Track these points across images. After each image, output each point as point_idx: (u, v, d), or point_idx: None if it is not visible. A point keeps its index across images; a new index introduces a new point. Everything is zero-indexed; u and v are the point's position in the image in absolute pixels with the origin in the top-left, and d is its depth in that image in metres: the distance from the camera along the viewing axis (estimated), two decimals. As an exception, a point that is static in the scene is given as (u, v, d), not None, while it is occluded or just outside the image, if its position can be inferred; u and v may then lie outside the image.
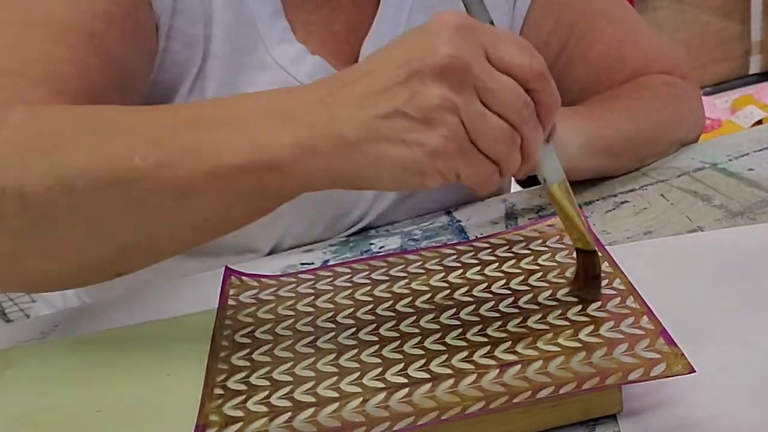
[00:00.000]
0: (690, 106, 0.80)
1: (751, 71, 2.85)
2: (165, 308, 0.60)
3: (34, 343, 0.58)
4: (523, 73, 0.44)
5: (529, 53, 0.44)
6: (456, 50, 0.42)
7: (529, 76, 0.44)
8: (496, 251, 0.58)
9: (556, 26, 0.76)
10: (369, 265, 0.58)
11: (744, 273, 0.56)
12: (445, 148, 0.43)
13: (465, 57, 0.42)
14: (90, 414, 0.49)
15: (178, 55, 0.65)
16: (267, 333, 0.51)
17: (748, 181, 0.70)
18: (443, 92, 0.42)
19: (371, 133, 0.43)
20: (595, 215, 0.68)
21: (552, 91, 0.45)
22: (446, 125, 0.43)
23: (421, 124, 0.43)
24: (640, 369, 0.42)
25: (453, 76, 0.42)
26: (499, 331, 0.48)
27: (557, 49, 0.77)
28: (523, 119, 0.44)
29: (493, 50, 0.44)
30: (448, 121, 0.43)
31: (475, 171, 0.44)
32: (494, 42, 0.44)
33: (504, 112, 0.43)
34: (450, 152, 0.43)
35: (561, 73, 0.77)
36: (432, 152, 0.43)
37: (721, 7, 2.75)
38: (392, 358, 0.46)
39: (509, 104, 0.43)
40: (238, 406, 0.44)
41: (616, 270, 0.53)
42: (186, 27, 0.65)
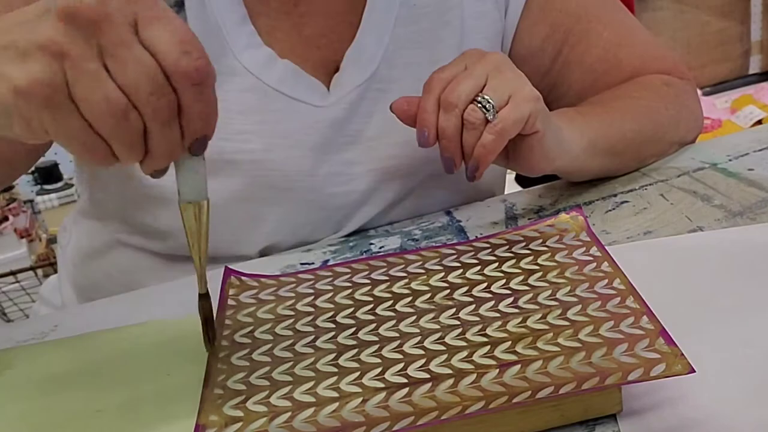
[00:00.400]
0: (689, 106, 0.80)
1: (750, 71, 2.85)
2: (165, 308, 0.60)
3: (34, 343, 0.58)
4: (166, 61, 0.40)
5: (186, 47, 0.40)
6: (93, 1, 0.39)
7: (171, 68, 0.40)
8: (496, 251, 0.58)
9: (551, 32, 0.76)
10: (369, 265, 0.58)
11: (744, 273, 0.56)
12: (30, 90, 0.39)
13: (100, 10, 0.39)
14: (90, 414, 0.49)
15: None
16: (267, 333, 0.51)
17: (748, 181, 0.70)
18: (56, 34, 0.39)
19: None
20: (595, 215, 0.68)
21: (200, 100, 0.41)
22: (40, 66, 0.39)
23: (18, 57, 0.39)
24: (640, 369, 0.42)
25: (77, 24, 0.39)
26: (499, 331, 0.48)
27: (553, 55, 0.77)
28: (148, 103, 0.40)
29: (146, 25, 0.40)
30: (43, 62, 0.39)
31: (67, 132, 0.40)
32: (150, 19, 0.40)
33: (126, 88, 0.39)
34: (35, 97, 0.39)
35: (557, 78, 0.77)
36: (15, 89, 0.39)
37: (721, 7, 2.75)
38: (392, 358, 0.46)
39: (134, 80, 0.39)
40: (238, 406, 0.44)
41: (616, 270, 0.53)
42: None
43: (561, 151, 0.64)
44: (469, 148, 0.59)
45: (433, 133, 0.60)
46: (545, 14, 0.76)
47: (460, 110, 0.59)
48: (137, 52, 0.40)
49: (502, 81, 0.59)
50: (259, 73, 0.67)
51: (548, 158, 0.62)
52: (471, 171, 0.60)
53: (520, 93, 0.59)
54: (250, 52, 0.67)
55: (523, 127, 0.59)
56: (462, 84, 0.59)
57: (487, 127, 0.58)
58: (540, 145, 0.61)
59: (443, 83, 0.60)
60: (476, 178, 0.60)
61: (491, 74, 0.59)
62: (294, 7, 0.69)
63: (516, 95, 0.59)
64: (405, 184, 0.72)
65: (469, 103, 0.59)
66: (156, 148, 0.42)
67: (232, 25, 0.67)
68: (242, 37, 0.67)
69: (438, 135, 0.60)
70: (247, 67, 0.67)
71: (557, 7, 0.76)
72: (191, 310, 0.59)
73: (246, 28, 0.67)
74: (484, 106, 0.58)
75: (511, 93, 0.59)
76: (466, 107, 0.59)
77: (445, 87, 0.60)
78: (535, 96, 0.60)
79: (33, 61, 0.39)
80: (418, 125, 0.60)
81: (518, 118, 0.58)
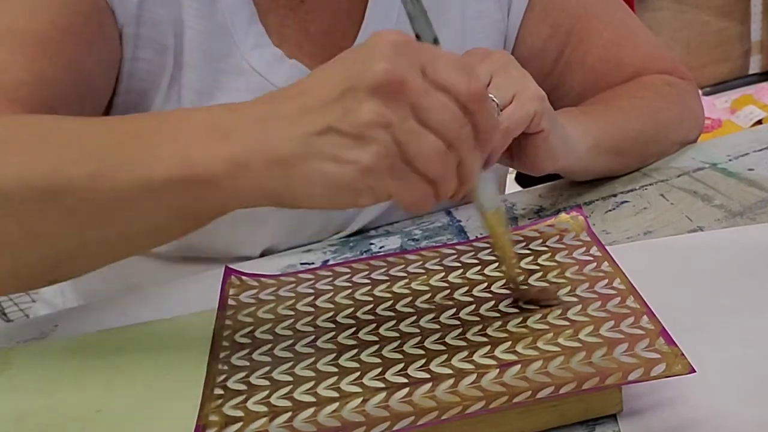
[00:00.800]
0: (691, 105, 0.80)
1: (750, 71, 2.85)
2: (165, 308, 0.60)
3: (34, 343, 0.58)
4: (459, 94, 0.43)
5: (468, 74, 0.43)
6: (391, 66, 0.42)
7: (465, 97, 0.43)
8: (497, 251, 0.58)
9: (553, 32, 0.76)
10: (369, 264, 0.58)
11: (744, 273, 0.56)
12: (377, 165, 0.42)
13: (401, 74, 0.42)
14: (90, 414, 0.49)
15: (148, 64, 0.65)
16: (267, 333, 0.51)
17: (748, 181, 0.70)
18: (376, 108, 0.41)
19: (304, 150, 0.43)
20: (595, 215, 0.68)
21: (489, 115, 0.44)
22: (378, 142, 0.42)
23: (354, 140, 0.42)
24: (640, 369, 0.42)
25: (387, 92, 0.42)
26: (499, 331, 0.48)
27: (555, 55, 0.77)
28: (459, 139, 0.43)
29: (430, 68, 0.43)
30: (380, 138, 0.42)
31: (408, 190, 0.43)
32: (432, 60, 0.43)
33: (439, 131, 0.43)
34: (382, 170, 0.42)
35: (559, 78, 0.77)
36: (363, 169, 0.42)
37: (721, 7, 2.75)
38: (392, 358, 0.46)
39: (445, 123, 0.43)
40: (238, 406, 0.44)
41: (616, 270, 0.53)
42: (154, 34, 0.65)
43: (566, 151, 0.64)
44: None
45: None
46: (547, 14, 0.76)
47: None
48: (437, 96, 0.43)
49: (506, 80, 0.59)
50: (265, 73, 0.67)
51: (553, 157, 0.62)
52: None
53: (525, 92, 0.59)
54: (258, 52, 0.67)
55: (528, 125, 0.59)
56: None
57: None
58: (545, 144, 0.61)
59: None
60: None
61: (496, 73, 0.59)
62: (300, 4, 0.69)
63: (521, 94, 0.59)
64: None
65: None
66: (468, 173, 0.45)
67: (241, 25, 0.67)
68: (250, 37, 0.67)
69: None
70: (254, 67, 0.67)
71: (558, 7, 0.76)
72: (191, 309, 0.59)
73: (255, 27, 0.67)
74: None
75: (516, 92, 0.59)
76: None
77: None
78: (540, 95, 0.60)
79: (370, 140, 0.42)
80: None
81: (523, 116, 0.58)
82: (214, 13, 0.66)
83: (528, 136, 0.60)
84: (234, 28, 0.66)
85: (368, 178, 0.42)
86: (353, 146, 0.42)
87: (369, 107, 0.42)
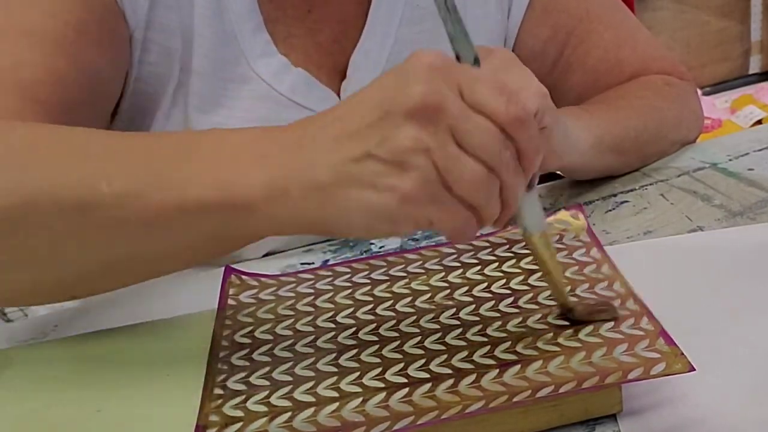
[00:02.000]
0: (690, 105, 0.80)
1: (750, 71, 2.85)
2: (165, 308, 0.60)
3: (34, 343, 0.58)
4: (498, 116, 0.41)
5: (508, 96, 0.42)
6: (429, 90, 0.40)
7: (505, 120, 0.42)
8: (496, 251, 0.58)
9: (553, 34, 0.76)
10: (369, 264, 0.58)
11: (744, 273, 0.56)
12: (417, 193, 0.40)
13: (438, 97, 0.40)
14: (90, 414, 0.49)
15: (155, 67, 0.65)
16: (267, 333, 0.51)
17: (748, 180, 0.70)
18: (415, 133, 0.40)
19: (342, 177, 0.41)
20: (595, 215, 0.68)
21: (531, 138, 0.43)
22: (418, 169, 0.40)
23: (393, 167, 0.40)
24: (640, 368, 0.42)
25: (425, 116, 0.40)
26: (499, 331, 0.48)
27: (554, 57, 0.77)
28: (501, 163, 0.42)
29: (468, 91, 0.42)
30: (420, 164, 0.40)
31: (450, 218, 0.42)
32: (470, 83, 0.42)
33: (481, 155, 0.41)
34: (422, 198, 0.41)
35: (559, 79, 0.77)
36: (403, 197, 0.40)
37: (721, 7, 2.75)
38: (392, 357, 0.46)
39: (486, 146, 0.41)
40: (238, 406, 0.44)
41: (615, 272, 0.53)
42: (162, 39, 0.65)
43: (569, 148, 0.64)
44: None
45: None
46: (547, 16, 0.76)
47: None
48: (477, 119, 0.41)
49: (509, 77, 0.59)
50: (271, 81, 0.67)
51: (556, 154, 0.62)
52: None
53: (527, 89, 0.59)
54: (264, 60, 0.67)
55: None
56: None
57: None
58: (548, 141, 0.61)
59: None
60: None
61: (498, 70, 0.59)
62: (308, 14, 0.69)
63: (523, 91, 0.59)
64: None
65: None
66: (511, 197, 0.43)
67: (248, 33, 0.67)
68: (258, 45, 0.67)
69: None
70: (260, 75, 0.67)
71: (559, 8, 0.76)
72: (191, 309, 0.59)
73: (262, 36, 0.67)
74: None
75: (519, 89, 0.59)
76: None
77: None
78: (543, 92, 0.59)
79: (409, 167, 0.40)
80: None
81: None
82: (221, 21, 0.66)
83: None
84: (241, 35, 0.66)
85: (408, 206, 0.41)
86: (392, 173, 0.40)
87: (406, 133, 0.40)
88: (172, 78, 0.66)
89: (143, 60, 0.65)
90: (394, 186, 0.41)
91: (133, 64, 0.65)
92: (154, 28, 0.64)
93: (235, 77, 0.67)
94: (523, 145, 0.42)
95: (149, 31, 0.64)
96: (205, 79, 0.66)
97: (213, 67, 0.66)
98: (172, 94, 0.66)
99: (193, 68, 0.66)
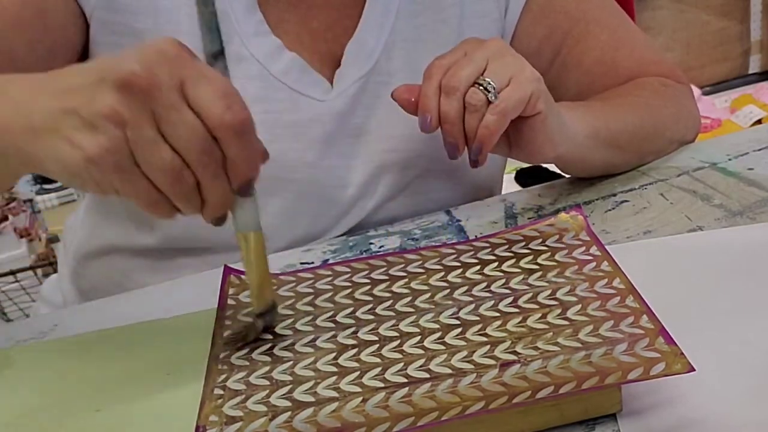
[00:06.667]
0: (687, 105, 0.80)
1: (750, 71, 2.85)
2: (165, 308, 0.60)
3: (33, 343, 0.58)
4: (211, 119, 0.43)
5: (228, 102, 0.43)
6: (144, 70, 0.42)
7: (216, 124, 0.43)
8: (496, 251, 0.58)
9: (549, 33, 0.76)
10: (368, 264, 0.58)
11: (744, 273, 0.56)
12: (100, 158, 0.42)
13: (148, 80, 0.42)
14: (90, 414, 0.49)
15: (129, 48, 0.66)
16: (266, 332, 0.51)
17: (747, 180, 0.70)
18: (115, 104, 0.42)
19: (49, 125, 0.44)
20: (594, 214, 0.68)
21: (242, 150, 0.44)
22: (106, 135, 0.42)
23: (87, 128, 0.43)
24: (640, 368, 0.42)
25: (133, 93, 0.42)
26: (499, 331, 0.48)
27: (551, 57, 0.77)
28: (199, 162, 0.43)
29: (191, 86, 0.43)
30: (110, 132, 0.42)
31: (135, 192, 0.44)
32: (195, 78, 0.43)
33: (178, 148, 0.43)
34: (105, 164, 0.43)
35: (555, 79, 0.77)
36: (86, 158, 0.42)
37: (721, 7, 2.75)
38: (392, 357, 0.46)
39: (185, 142, 0.43)
40: (237, 405, 0.44)
41: (615, 269, 0.53)
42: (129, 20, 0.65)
43: (564, 137, 0.64)
44: (471, 131, 0.59)
45: (435, 117, 0.60)
46: (544, 15, 0.76)
47: (462, 93, 0.59)
48: (186, 115, 0.43)
49: (502, 64, 0.59)
50: (265, 61, 0.67)
51: (552, 142, 0.62)
52: (474, 154, 0.60)
53: (521, 74, 0.59)
54: (258, 40, 0.67)
55: (525, 107, 0.59)
56: (463, 68, 0.59)
57: (488, 108, 0.58)
58: (543, 127, 0.61)
59: (444, 69, 0.60)
60: (480, 162, 0.60)
61: (491, 58, 0.60)
62: (301, 0, 0.69)
63: (517, 76, 0.59)
64: (403, 177, 0.72)
65: (470, 87, 0.59)
66: (210, 198, 0.45)
67: (241, 12, 0.67)
68: (251, 25, 0.67)
69: (440, 120, 0.60)
70: (254, 54, 0.67)
71: (556, 8, 0.76)
72: (191, 309, 0.59)
73: (255, 16, 0.68)
74: (485, 88, 0.58)
75: (512, 75, 0.59)
76: (467, 90, 0.59)
77: (445, 72, 0.60)
78: (536, 76, 0.60)
79: (99, 131, 0.42)
80: (420, 111, 0.60)
81: (520, 97, 0.58)
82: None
83: (525, 120, 0.60)
84: (234, 15, 0.66)
85: (91, 167, 0.43)
86: (84, 132, 0.43)
87: (107, 101, 0.42)
88: None
89: (111, 41, 0.65)
90: (83, 145, 0.43)
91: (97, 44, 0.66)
92: (115, 10, 0.65)
93: (228, 55, 0.66)
94: (231, 152, 0.44)
95: (111, 13, 0.65)
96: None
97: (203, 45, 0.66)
98: None
99: None
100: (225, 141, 0.44)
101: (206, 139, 0.43)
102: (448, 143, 0.60)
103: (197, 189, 0.45)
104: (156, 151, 0.43)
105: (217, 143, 0.44)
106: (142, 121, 0.42)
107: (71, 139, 0.43)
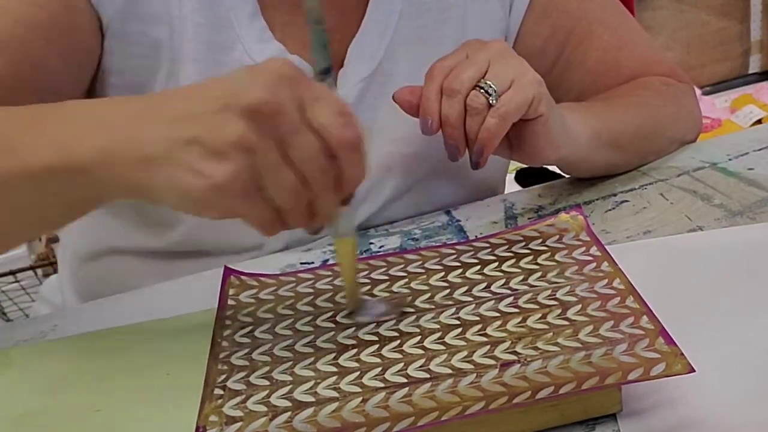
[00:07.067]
0: (688, 105, 0.80)
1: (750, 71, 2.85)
2: (165, 308, 0.60)
3: (33, 343, 0.58)
4: (329, 137, 0.44)
5: (344, 119, 0.44)
6: (270, 96, 0.43)
7: (334, 142, 0.44)
8: (496, 251, 0.58)
9: (553, 33, 0.76)
10: (368, 264, 0.58)
11: (744, 273, 0.56)
12: (229, 185, 0.43)
13: (276, 106, 0.43)
14: (90, 414, 0.49)
15: (141, 59, 0.65)
16: (266, 332, 0.51)
17: (747, 180, 0.70)
18: (244, 131, 0.42)
19: (168, 154, 0.44)
20: (594, 214, 0.68)
21: (356, 165, 0.45)
22: (236, 163, 0.43)
23: (213, 156, 0.43)
24: (640, 369, 0.42)
25: (258, 119, 0.42)
26: (499, 331, 0.48)
27: (554, 56, 0.77)
28: (315, 180, 0.44)
29: (309, 107, 0.44)
30: (239, 160, 0.43)
31: (255, 215, 0.45)
32: (312, 99, 0.44)
33: (301, 169, 0.44)
34: (232, 191, 0.43)
35: (558, 79, 0.77)
36: (215, 185, 0.43)
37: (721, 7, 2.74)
38: (392, 357, 0.46)
39: (306, 162, 0.44)
40: (237, 406, 0.44)
41: (615, 270, 0.53)
42: (145, 29, 0.65)
43: (566, 138, 0.64)
44: (472, 134, 0.59)
45: (436, 120, 0.60)
46: (548, 15, 0.76)
47: (463, 96, 0.59)
48: (307, 136, 0.44)
49: (504, 66, 0.59)
50: None
51: (553, 144, 0.62)
52: (475, 156, 0.60)
53: (523, 77, 0.59)
54: (261, 46, 0.67)
55: (526, 110, 0.59)
56: (464, 71, 0.59)
57: (490, 111, 0.58)
58: (545, 130, 0.60)
59: (445, 71, 0.60)
60: (480, 165, 0.60)
61: (493, 60, 0.59)
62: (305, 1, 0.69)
63: (519, 79, 0.59)
64: (407, 178, 0.72)
65: (471, 89, 0.59)
66: (321, 211, 0.46)
67: (244, 19, 0.67)
68: (254, 31, 0.67)
69: (441, 122, 0.60)
70: (256, 61, 0.67)
71: (559, 8, 0.76)
72: (191, 309, 0.59)
73: (258, 22, 0.67)
74: (486, 91, 0.58)
75: (514, 77, 0.59)
76: (468, 93, 0.59)
77: (447, 74, 0.60)
78: (538, 79, 0.60)
79: (228, 159, 0.43)
80: (421, 113, 0.60)
81: (522, 100, 0.58)
82: (216, 6, 0.66)
83: (527, 123, 0.60)
84: (237, 21, 0.66)
85: (218, 195, 0.43)
86: (211, 161, 0.43)
87: (235, 128, 0.42)
88: (162, 68, 0.66)
89: (126, 52, 0.65)
90: (210, 174, 0.43)
91: (111, 56, 0.65)
92: (133, 19, 0.64)
93: (230, 62, 0.67)
94: (347, 167, 0.45)
95: (128, 23, 0.64)
96: (199, 65, 0.66)
97: (207, 53, 0.66)
98: (164, 82, 0.66)
99: (184, 56, 0.65)
100: (344, 158, 0.45)
101: (323, 158, 0.44)
102: (448, 146, 0.60)
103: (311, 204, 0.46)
104: (281, 173, 0.44)
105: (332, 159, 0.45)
106: (268, 146, 0.43)
107: (194, 168, 0.43)
